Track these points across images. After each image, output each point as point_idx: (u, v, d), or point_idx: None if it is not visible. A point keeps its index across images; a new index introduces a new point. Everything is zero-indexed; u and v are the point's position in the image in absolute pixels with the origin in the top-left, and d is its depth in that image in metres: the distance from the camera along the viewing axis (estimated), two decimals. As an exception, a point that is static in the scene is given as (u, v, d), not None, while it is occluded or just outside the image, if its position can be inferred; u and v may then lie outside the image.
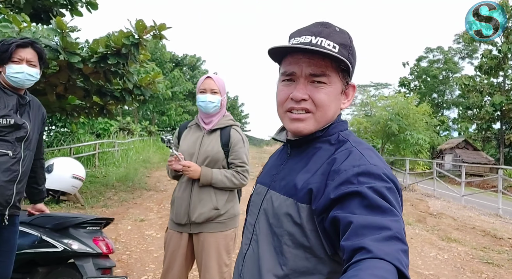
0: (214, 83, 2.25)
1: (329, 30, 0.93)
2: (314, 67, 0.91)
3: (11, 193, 1.98)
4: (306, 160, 0.95)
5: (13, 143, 1.97)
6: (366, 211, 0.75)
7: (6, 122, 1.93)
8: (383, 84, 46.09)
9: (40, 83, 6.99)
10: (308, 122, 0.94)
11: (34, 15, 7.99)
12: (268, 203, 0.97)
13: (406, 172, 13.65)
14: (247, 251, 1.00)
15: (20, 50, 2.00)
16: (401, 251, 0.68)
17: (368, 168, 0.83)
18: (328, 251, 0.86)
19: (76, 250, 2.37)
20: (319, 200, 0.84)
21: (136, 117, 25.22)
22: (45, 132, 15.88)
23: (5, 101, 1.96)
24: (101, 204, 7.08)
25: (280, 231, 0.90)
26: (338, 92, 0.96)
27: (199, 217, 2.16)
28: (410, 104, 14.71)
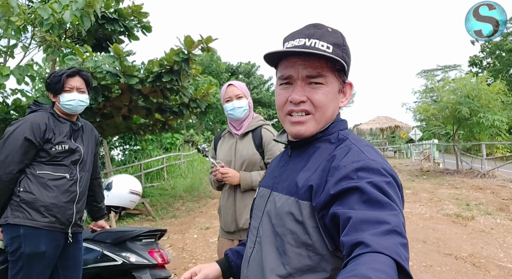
0: (236, 88, 2.28)
1: (322, 31, 0.94)
2: (310, 69, 0.92)
3: (72, 212, 2.15)
4: (306, 159, 0.96)
5: (69, 166, 2.15)
6: (365, 206, 0.75)
7: (61, 148, 2.12)
8: (451, 66, 42.85)
9: (107, 107, 7.62)
10: (308, 124, 0.95)
11: (97, 45, 8.71)
12: (271, 205, 0.98)
13: (483, 157, 12.53)
14: (251, 254, 1.01)
15: (70, 79, 2.19)
16: (400, 244, 0.68)
17: (367, 163, 0.83)
18: (330, 248, 0.86)
19: (134, 262, 2.52)
20: (319, 196, 0.85)
21: (199, 128, 26.23)
22: (121, 152, 17.23)
23: (60, 129, 2.16)
24: (170, 215, 7.46)
25: (283, 231, 0.91)
26: (336, 91, 0.96)
27: (246, 223, 2.16)
28: (481, 84, 13.48)
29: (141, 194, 3.19)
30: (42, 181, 2.06)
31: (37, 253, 2.02)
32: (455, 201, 8.03)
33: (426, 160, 18.80)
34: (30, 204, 2.02)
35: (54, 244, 2.08)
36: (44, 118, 2.12)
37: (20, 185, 2.05)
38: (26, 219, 2.01)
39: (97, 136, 2.45)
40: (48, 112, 2.18)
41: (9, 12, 5.27)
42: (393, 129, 27.94)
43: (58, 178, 2.11)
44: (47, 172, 2.08)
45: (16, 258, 2.02)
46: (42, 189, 2.05)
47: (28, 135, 2.03)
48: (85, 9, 5.58)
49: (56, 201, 2.07)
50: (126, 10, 8.01)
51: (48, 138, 2.09)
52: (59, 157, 2.12)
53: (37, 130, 2.06)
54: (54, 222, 2.06)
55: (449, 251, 4.61)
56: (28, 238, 2.01)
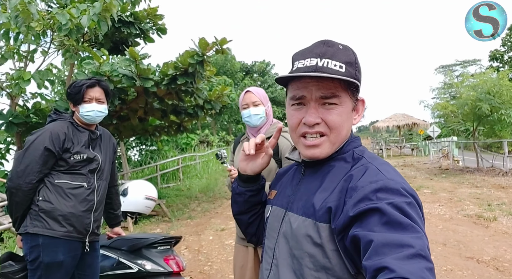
0: (254, 95, 2.24)
1: (333, 50, 0.92)
2: (324, 90, 0.90)
3: (89, 221, 2.16)
4: (321, 179, 0.94)
5: (87, 175, 2.17)
6: (386, 228, 0.73)
7: (80, 158, 2.15)
8: (471, 61, 41.80)
9: (123, 109, 7.73)
10: (323, 147, 0.93)
11: (113, 48, 8.83)
12: (287, 226, 0.95)
13: (505, 155, 12.20)
14: (268, 277, 0.99)
15: (90, 90, 2.21)
16: (426, 269, 0.66)
17: (386, 184, 0.81)
18: (351, 271, 0.83)
19: (149, 270, 2.53)
20: (338, 218, 0.83)
21: (214, 128, 26.35)
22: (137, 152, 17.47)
23: (78, 138, 2.18)
24: (186, 216, 7.51)
25: (300, 253, 0.89)
26: (349, 111, 0.95)
27: None
28: (503, 79, 13.10)
29: (156, 200, 3.21)
30: (60, 190, 2.09)
31: (55, 263, 2.04)
32: (476, 201, 7.84)
33: (445, 158, 18.41)
34: (48, 213, 2.04)
35: (72, 253, 2.10)
36: (64, 128, 2.14)
37: (39, 194, 2.08)
38: (45, 229, 2.03)
39: (115, 144, 2.46)
40: (68, 122, 2.21)
41: (29, 18, 5.39)
42: (411, 127, 27.49)
43: (76, 187, 2.13)
44: (65, 181, 2.11)
45: (35, 267, 2.05)
46: (60, 198, 2.07)
47: (48, 144, 2.06)
48: (102, 13, 5.66)
49: (74, 210, 2.09)
50: (142, 13, 8.09)
51: (67, 147, 2.11)
52: (77, 166, 2.14)
53: (57, 139, 2.08)
54: (72, 232, 2.08)
55: (470, 255, 4.50)
56: (47, 247, 2.03)
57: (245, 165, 1.12)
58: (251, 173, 1.12)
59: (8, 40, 6.18)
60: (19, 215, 2.10)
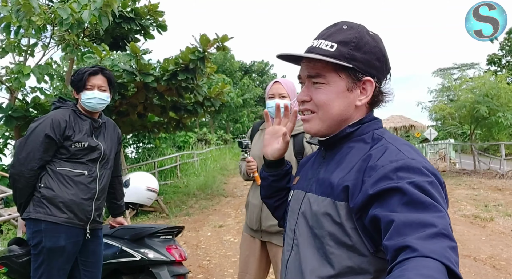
0: (282, 87, 2.17)
1: (335, 30, 0.95)
2: (310, 69, 0.96)
3: (90, 209, 2.16)
4: (340, 159, 0.95)
5: (88, 164, 2.17)
6: (407, 208, 0.72)
7: (81, 146, 2.15)
8: (469, 65, 41.92)
9: (123, 105, 7.71)
10: (312, 122, 0.98)
11: (114, 44, 8.82)
12: (306, 206, 0.96)
13: (502, 158, 12.27)
14: (289, 257, 0.99)
15: (92, 78, 2.21)
16: (449, 248, 0.64)
17: (407, 163, 0.80)
18: (370, 249, 0.83)
19: (152, 258, 2.55)
20: (357, 197, 0.82)
21: (212, 127, 26.34)
22: (135, 149, 17.45)
23: (80, 126, 2.18)
24: (184, 213, 7.51)
25: (321, 232, 0.89)
26: (341, 90, 0.94)
27: (270, 228, 2.13)
28: (501, 82, 13.19)
29: (157, 191, 3.22)
30: (61, 178, 2.10)
31: (57, 248, 2.06)
32: (473, 202, 7.89)
33: (442, 160, 18.51)
34: (50, 200, 2.06)
35: (73, 239, 2.12)
36: (65, 115, 2.15)
37: (41, 181, 2.10)
38: (47, 215, 2.05)
39: (119, 134, 2.46)
40: (70, 109, 2.21)
41: (31, 12, 5.37)
42: (408, 129, 27.47)
43: (77, 174, 2.13)
44: (66, 169, 2.11)
45: (38, 252, 2.07)
46: (61, 186, 2.09)
47: (48, 131, 2.06)
48: (103, 8, 5.65)
49: (75, 198, 2.10)
50: (143, 9, 8.08)
51: (68, 135, 2.11)
52: (79, 155, 2.14)
53: (57, 127, 2.09)
54: (72, 218, 2.10)
55: (467, 253, 4.53)
56: (49, 232, 2.06)
57: (266, 149, 1.18)
58: (271, 158, 1.17)
59: (9, 34, 6.16)
60: (22, 201, 2.12)
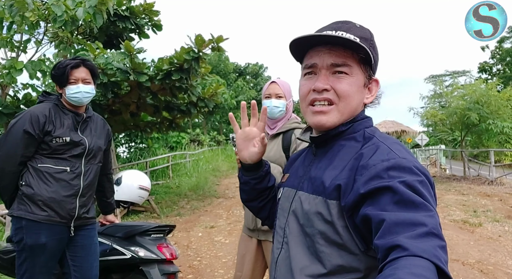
0: (278, 87, 2.19)
1: (349, 26, 0.93)
2: (335, 57, 0.90)
3: (74, 206, 2.09)
4: (332, 158, 0.94)
5: (71, 160, 2.10)
6: (398, 207, 0.72)
7: (62, 141, 2.07)
8: (460, 72, 42.44)
9: (116, 103, 7.67)
10: (331, 115, 0.92)
11: (107, 42, 8.76)
12: (297, 204, 0.95)
13: (491, 164, 12.42)
14: (279, 255, 0.98)
15: (74, 71, 2.12)
16: (439, 247, 0.65)
17: (398, 162, 0.80)
18: (361, 247, 0.83)
19: (143, 257, 2.53)
20: (348, 195, 0.82)
21: (205, 128, 26.28)
22: (126, 149, 17.32)
23: (61, 121, 2.11)
24: (175, 213, 7.48)
25: (312, 231, 0.89)
26: (361, 84, 0.94)
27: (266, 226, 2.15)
28: (491, 90, 13.38)
29: (150, 190, 3.20)
30: (42, 175, 2.04)
31: (38, 245, 2.02)
32: (462, 207, 7.96)
33: (432, 165, 18.66)
34: (29, 198, 2.02)
35: (56, 237, 2.07)
36: (45, 110, 2.08)
37: (22, 179, 2.05)
38: (27, 212, 2.02)
39: (109, 130, 2.40)
40: (52, 103, 2.13)
41: (24, 8, 5.33)
42: (399, 134, 27.74)
43: (59, 171, 2.06)
44: (48, 166, 2.06)
45: (20, 249, 2.04)
46: (41, 183, 2.03)
47: (27, 127, 2.00)
48: (98, 6, 5.61)
49: (55, 195, 2.04)
50: (138, 8, 8.05)
51: (48, 130, 2.05)
52: (60, 150, 2.07)
53: (36, 122, 2.02)
54: (53, 216, 2.05)
55: (456, 257, 4.57)
56: (30, 230, 2.02)
57: (243, 154, 1.10)
58: (250, 162, 1.10)
59: (1, 29, 6.10)
60: (7, 198, 2.10)
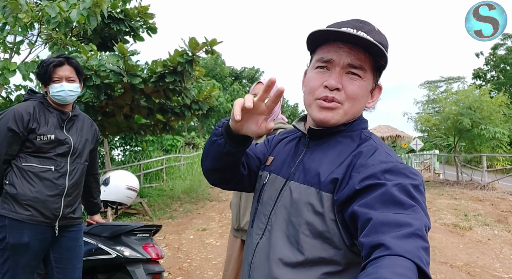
0: None
1: (370, 27, 0.93)
2: (354, 58, 0.89)
3: (58, 206, 2.09)
4: (328, 152, 0.95)
5: (56, 159, 2.09)
6: (386, 207, 0.74)
7: (47, 139, 2.06)
8: (455, 78, 42.81)
9: (109, 105, 7.66)
10: (337, 112, 0.92)
11: (102, 44, 8.77)
12: (287, 193, 0.96)
13: (484, 169, 12.51)
14: (258, 242, 0.98)
15: (58, 69, 2.10)
16: (422, 248, 0.67)
17: (396, 166, 0.83)
18: (347, 242, 0.85)
19: (128, 256, 2.53)
20: (343, 190, 0.84)
21: (201, 131, 26.27)
22: (121, 152, 17.26)
23: (46, 118, 2.10)
24: (167, 216, 7.47)
25: (298, 220, 0.89)
26: (369, 89, 0.95)
27: (247, 225, 2.18)
28: (484, 96, 13.51)
29: (138, 190, 3.20)
30: (25, 175, 2.04)
31: (20, 244, 2.01)
32: (454, 211, 8.02)
33: (426, 170, 18.76)
34: (13, 197, 2.02)
35: (39, 236, 2.06)
36: (29, 108, 2.07)
37: (6, 178, 2.05)
38: (10, 211, 2.01)
39: (97, 130, 2.39)
40: (37, 101, 2.13)
41: (17, 9, 5.33)
42: (394, 139, 27.87)
43: (43, 170, 2.06)
44: (32, 165, 2.04)
45: (3, 248, 2.03)
46: (25, 182, 2.02)
47: (11, 125, 2.00)
48: (92, 8, 5.64)
49: (39, 195, 2.03)
50: (133, 10, 8.08)
51: (32, 127, 2.04)
52: (45, 149, 2.07)
53: (20, 120, 2.01)
54: (37, 216, 2.04)
55: (444, 260, 4.61)
56: (12, 229, 2.01)
57: (241, 125, 0.94)
58: (245, 134, 0.96)
59: (-5, 30, 6.09)
60: None
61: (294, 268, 0.88)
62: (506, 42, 36.20)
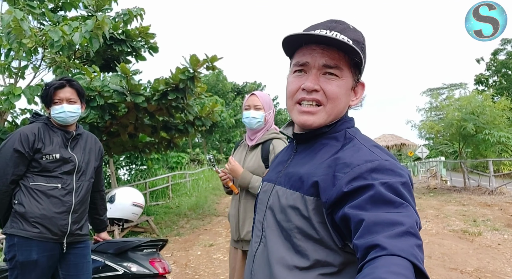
0: (257, 99, 2.29)
1: (343, 26, 0.94)
2: (328, 58, 0.91)
3: (66, 222, 2.13)
4: (312, 155, 0.95)
5: (62, 177, 2.16)
6: (377, 207, 0.74)
7: (52, 158, 2.13)
8: (457, 85, 42.75)
9: (113, 125, 7.75)
10: (318, 115, 0.93)
11: (105, 65, 8.92)
12: (275, 198, 0.97)
13: (491, 174, 12.40)
14: (257, 249, 1.00)
15: (59, 92, 2.17)
16: (416, 246, 0.68)
17: (381, 164, 0.83)
18: (338, 244, 0.85)
19: (135, 272, 2.55)
20: (330, 192, 0.83)
21: (205, 147, 26.34)
22: (127, 171, 17.32)
23: (51, 138, 2.17)
24: (174, 233, 7.46)
25: (289, 225, 0.91)
26: (349, 87, 0.95)
27: (247, 235, 2.18)
28: (486, 100, 13.50)
29: (143, 207, 3.23)
30: (33, 193, 2.09)
31: (29, 262, 2.05)
32: (462, 217, 7.93)
33: (433, 177, 18.62)
34: (22, 216, 2.07)
35: (46, 253, 2.10)
36: (34, 129, 2.14)
37: (15, 198, 2.11)
38: (19, 229, 2.06)
39: (101, 147, 2.45)
40: (41, 123, 2.20)
41: (21, 35, 5.47)
42: (399, 147, 27.76)
43: (50, 188, 2.11)
44: (39, 183, 2.10)
45: (13, 266, 2.08)
46: (33, 201, 2.08)
47: (17, 146, 2.07)
48: (94, 31, 5.77)
49: (46, 212, 2.07)
50: (134, 31, 8.24)
51: (37, 148, 2.10)
52: (51, 167, 2.13)
53: (26, 141, 2.08)
54: (45, 233, 2.08)
55: (454, 266, 4.55)
56: (21, 247, 2.06)
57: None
58: None
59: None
60: (1, 217, 2.15)
61: (292, 270, 0.89)
62: (506, 47, 36.31)
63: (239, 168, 2.24)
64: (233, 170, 2.24)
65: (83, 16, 8.25)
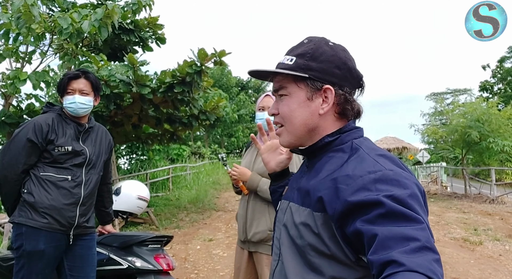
0: (272, 100, 2.23)
1: (297, 44, 0.99)
2: (275, 83, 1.00)
3: (74, 214, 2.13)
4: (319, 169, 0.95)
5: (72, 169, 2.14)
6: (389, 221, 0.72)
7: (64, 150, 2.11)
8: (462, 90, 42.65)
9: (118, 115, 7.72)
10: (283, 136, 1.01)
11: (112, 55, 8.87)
12: (288, 215, 0.97)
13: (493, 183, 12.36)
14: (276, 267, 0.99)
15: (73, 82, 2.17)
16: (433, 261, 0.66)
17: (385, 174, 0.80)
18: (352, 258, 0.83)
19: (139, 267, 2.52)
20: (334, 205, 0.82)
21: (207, 141, 26.34)
22: (127, 160, 17.33)
23: (64, 130, 2.16)
24: (174, 225, 7.45)
25: (302, 242, 0.90)
26: (302, 100, 0.95)
27: (254, 236, 2.16)
28: (492, 108, 13.44)
29: (148, 201, 3.21)
30: (43, 183, 2.08)
31: (36, 251, 2.05)
32: (463, 225, 7.90)
33: (433, 182, 18.60)
34: (31, 205, 2.06)
35: (54, 244, 2.09)
36: (48, 119, 2.12)
37: (24, 187, 2.09)
38: (28, 219, 2.05)
39: (111, 141, 2.43)
40: (55, 113, 2.18)
41: (31, 20, 5.42)
42: (401, 150, 27.74)
43: (60, 180, 2.11)
44: (50, 174, 2.09)
45: (19, 255, 2.07)
46: (42, 191, 2.07)
47: (30, 136, 2.05)
48: (103, 19, 5.71)
49: (56, 203, 2.07)
50: (142, 21, 8.18)
51: (50, 139, 2.09)
52: (62, 159, 2.12)
53: (39, 131, 2.07)
54: (53, 223, 2.07)
55: (456, 275, 4.53)
56: (29, 236, 2.05)
57: (270, 165, 1.24)
58: (279, 170, 1.23)
59: (8, 40, 6.19)
60: (9, 205, 2.13)
61: None
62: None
63: (246, 171, 2.21)
64: (241, 174, 2.21)
65: (92, 3, 8.19)
